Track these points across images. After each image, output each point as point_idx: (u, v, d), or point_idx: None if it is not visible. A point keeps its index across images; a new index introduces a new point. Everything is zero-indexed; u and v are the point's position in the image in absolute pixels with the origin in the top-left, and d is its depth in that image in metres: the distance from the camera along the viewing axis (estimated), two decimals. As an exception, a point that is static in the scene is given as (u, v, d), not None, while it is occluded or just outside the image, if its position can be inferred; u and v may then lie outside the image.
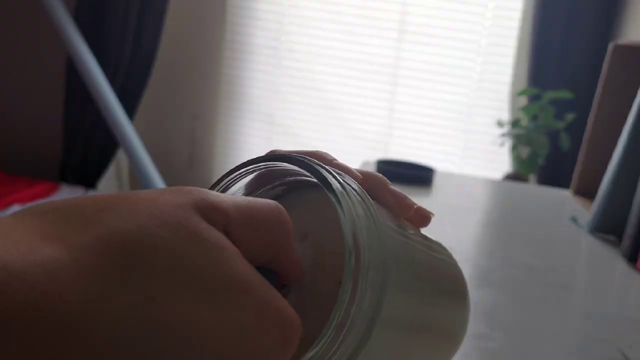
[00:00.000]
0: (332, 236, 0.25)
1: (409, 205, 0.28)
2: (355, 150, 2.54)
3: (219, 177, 0.26)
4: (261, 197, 0.27)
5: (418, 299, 0.26)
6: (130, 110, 2.40)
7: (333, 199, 0.22)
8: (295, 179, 0.26)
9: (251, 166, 0.25)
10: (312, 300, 0.24)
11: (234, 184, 0.25)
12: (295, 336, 0.20)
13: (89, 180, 2.49)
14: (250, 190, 0.27)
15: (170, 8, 2.38)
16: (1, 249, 0.14)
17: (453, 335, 0.30)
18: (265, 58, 2.53)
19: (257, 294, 0.18)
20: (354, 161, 2.35)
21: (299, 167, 0.23)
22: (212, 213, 0.19)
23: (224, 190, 0.25)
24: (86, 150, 2.48)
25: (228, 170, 0.26)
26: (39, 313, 0.14)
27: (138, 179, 2.36)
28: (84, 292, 0.15)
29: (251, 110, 2.60)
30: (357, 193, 0.23)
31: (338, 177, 0.23)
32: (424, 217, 0.29)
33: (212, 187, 0.25)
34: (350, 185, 0.23)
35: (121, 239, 0.16)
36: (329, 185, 0.22)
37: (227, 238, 0.19)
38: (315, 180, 0.23)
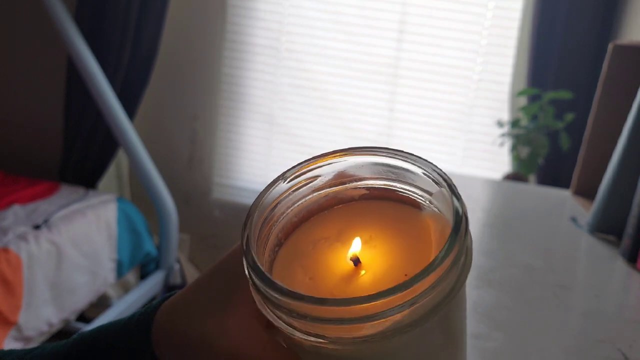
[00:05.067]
0: (396, 238, 0.30)
1: None
2: (355, 150, 2.53)
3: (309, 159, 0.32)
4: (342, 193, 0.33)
5: (462, 308, 0.29)
6: (131, 110, 2.40)
7: (445, 185, 0.28)
8: (374, 185, 0.32)
9: (374, 151, 0.31)
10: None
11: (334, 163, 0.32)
12: None
13: (89, 180, 2.49)
14: (332, 183, 0.33)
15: (170, 8, 2.38)
16: None
17: (463, 343, 0.31)
18: (265, 58, 2.53)
19: None
20: (354, 161, 2.34)
21: (405, 160, 0.30)
22: None
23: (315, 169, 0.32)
24: (86, 150, 2.48)
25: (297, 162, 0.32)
26: None
27: (138, 179, 2.37)
28: None
29: (251, 111, 2.60)
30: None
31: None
32: None
33: (304, 163, 0.31)
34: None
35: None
36: (443, 176, 0.28)
37: None
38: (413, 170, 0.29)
